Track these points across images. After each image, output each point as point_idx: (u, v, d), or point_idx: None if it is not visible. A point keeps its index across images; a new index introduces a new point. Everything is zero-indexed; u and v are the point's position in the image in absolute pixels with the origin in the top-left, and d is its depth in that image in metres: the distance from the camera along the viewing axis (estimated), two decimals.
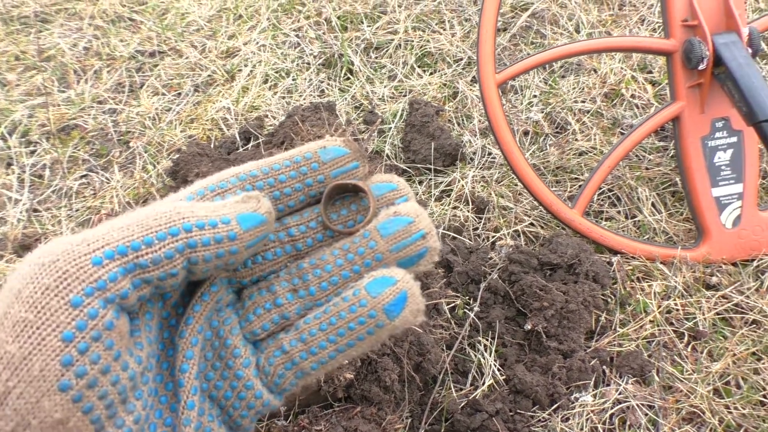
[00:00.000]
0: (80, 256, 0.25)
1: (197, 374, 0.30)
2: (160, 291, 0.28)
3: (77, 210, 1.36)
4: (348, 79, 1.62)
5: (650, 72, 1.56)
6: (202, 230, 0.27)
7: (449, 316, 1.06)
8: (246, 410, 0.32)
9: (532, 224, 1.25)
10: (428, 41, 1.67)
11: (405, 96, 1.56)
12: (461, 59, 1.62)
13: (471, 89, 1.56)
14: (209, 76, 1.66)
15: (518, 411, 0.94)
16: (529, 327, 1.02)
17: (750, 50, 1.09)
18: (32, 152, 1.52)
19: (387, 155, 1.40)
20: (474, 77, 1.58)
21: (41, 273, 0.24)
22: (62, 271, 0.24)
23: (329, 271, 0.33)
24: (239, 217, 0.29)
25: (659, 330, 1.06)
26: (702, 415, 0.95)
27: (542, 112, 1.50)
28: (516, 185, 1.33)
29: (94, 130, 1.55)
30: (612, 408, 0.95)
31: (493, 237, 1.23)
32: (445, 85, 1.58)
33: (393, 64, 1.63)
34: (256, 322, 0.33)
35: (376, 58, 1.67)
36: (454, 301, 1.09)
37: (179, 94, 1.64)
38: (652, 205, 1.28)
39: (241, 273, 0.34)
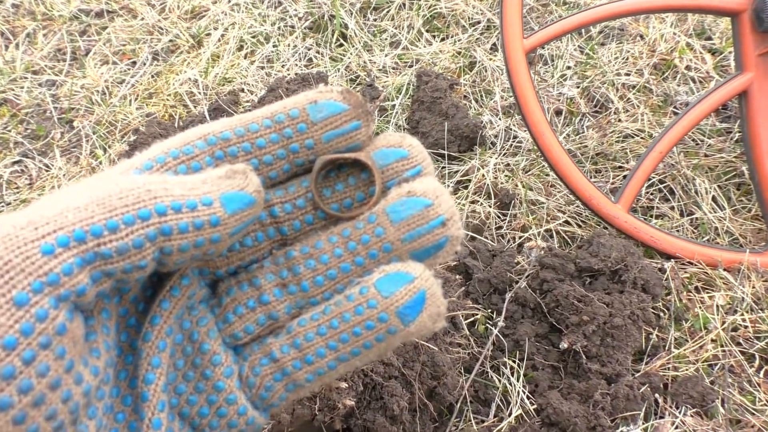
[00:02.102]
0: (26, 243, 0.24)
1: (165, 386, 0.30)
2: (120, 285, 0.27)
3: (9, 204, 1.36)
4: (341, 45, 1.63)
5: (709, 38, 1.58)
6: (178, 213, 0.27)
7: (468, 332, 1.07)
8: (225, 430, 0.32)
9: (567, 222, 1.26)
10: (439, 0, 1.68)
11: (411, 67, 1.56)
12: (479, 22, 1.63)
13: (492, 59, 1.56)
14: (171, 41, 1.66)
15: None
16: (566, 346, 1.03)
17: None
18: None
19: None
20: (495, 44, 1.59)
21: None
22: (2, 261, 0.23)
23: (325, 263, 0.32)
24: (223, 198, 0.28)
25: (723, 351, 1.07)
26: None
27: (578, 87, 1.51)
28: (547, 175, 1.34)
29: (28, 107, 1.55)
30: None
31: (520, 237, 1.24)
32: (459, 53, 1.59)
33: (396, 28, 1.64)
34: (237, 324, 0.33)
35: (375, 20, 1.67)
36: (474, 315, 1.09)
37: (134, 63, 1.64)
38: (713, 199, 1.29)
39: (215, 262, 0.33)
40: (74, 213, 0.25)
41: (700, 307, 1.13)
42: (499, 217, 1.28)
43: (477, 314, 1.09)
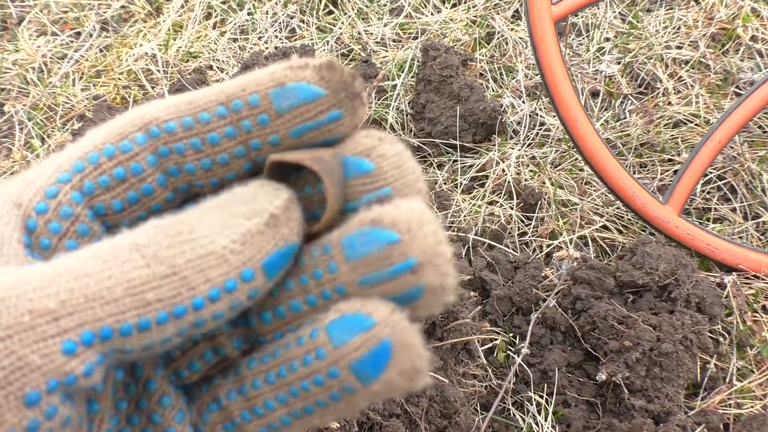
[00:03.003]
0: (44, 338, 0.25)
1: None
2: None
3: None
4: (331, 13, 1.63)
5: None
6: (215, 303, 0.28)
7: (485, 361, 1.07)
8: None
9: (605, 227, 1.26)
10: None
11: (415, 39, 1.57)
12: None
13: (513, 29, 1.57)
14: (123, 7, 1.67)
15: None
16: (604, 377, 1.03)
17: None
18: None
19: (391, 125, 1.41)
20: (518, 11, 1.59)
21: None
22: (17, 356, 0.25)
23: (275, 297, 0.32)
24: (266, 265, 0.29)
25: None
26: None
27: (618, 63, 1.51)
28: (581, 170, 1.34)
29: None
30: None
31: (548, 246, 1.24)
32: (474, 22, 1.59)
33: None
34: (181, 360, 0.33)
35: None
36: (492, 340, 1.09)
37: (78, 33, 1.64)
38: None
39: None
40: (102, 305, 0.26)
41: None
42: (522, 221, 1.28)
43: (496, 339, 1.09)
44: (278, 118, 0.30)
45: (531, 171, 1.34)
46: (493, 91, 1.48)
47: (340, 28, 1.58)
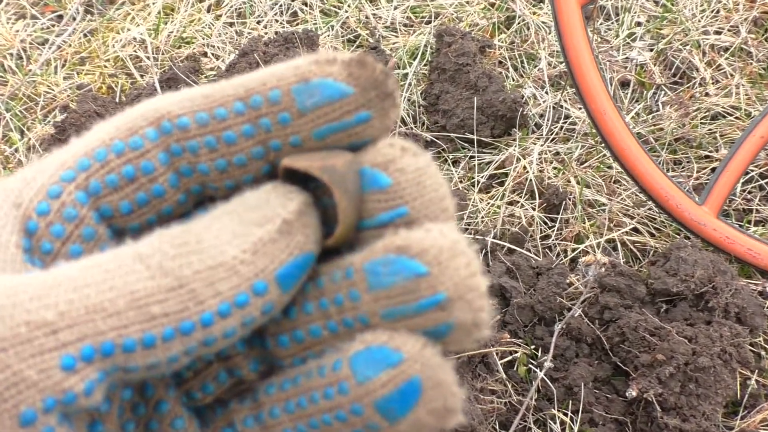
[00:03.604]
0: (42, 352, 0.26)
1: None
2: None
3: None
4: None
5: None
6: (226, 319, 0.28)
7: (505, 375, 1.08)
8: None
9: (635, 230, 1.27)
10: None
11: (428, 23, 1.58)
12: None
13: (536, 12, 1.58)
14: None
15: None
16: (634, 394, 1.04)
17: None
18: None
19: (402, 119, 1.43)
20: None
21: None
22: (12, 371, 0.25)
23: (292, 320, 0.32)
24: (280, 277, 0.29)
25: None
26: None
27: (651, 50, 1.52)
28: (610, 167, 1.35)
29: None
30: None
31: (573, 250, 1.25)
32: (493, 5, 1.61)
33: None
34: (194, 381, 0.34)
35: None
36: (512, 352, 1.10)
37: (60, 17, 1.66)
38: None
39: None
40: (104, 318, 0.27)
41: None
42: (545, 223, 1.29)
43: (516, 352, 1.10)
44: (301, 117, 0.30)
45: (555, 168, 1.36)
46: (514, 80, 1.49)
47: (346, 11, 1.60)
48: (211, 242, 0.29)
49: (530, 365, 1.10)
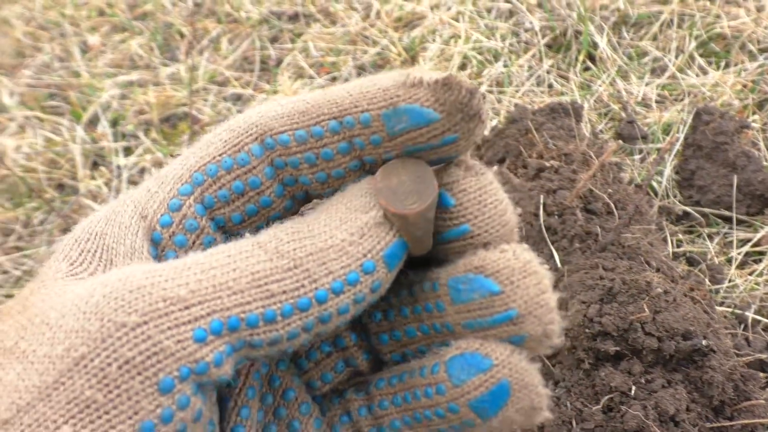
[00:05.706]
0: (177, 324, 0.28)
1: None
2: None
3: None
4: (588, 69, 1.75)
5: None
6: (339, 296, 0.31)
7: None
8: None
9: None
10: (719, 16, 1.76)
11: (681, 100, 1.65)
12: None
13: None
14: (379, 53, 1.87)
15: None
16: None
17: None
18: (126, 149, 1.79)
19: (654, 191, 1.50)
20: None
21: (121, 340, 0.27)
22: (152, 342, 0.28)
23: (391, 320, 0.37)
24: (387, 256, 0.32)
25: None
26: None
27: None
28: None
29: (211, 123, 1.79)
30: None
31: None
32: (745, 86, 1.66)
33: (660, 50, 1.74)
34: (314, 371, 0.38)
35: (633, 39, 1.79)
36: None
37: (334, 78, 1.85)
38: None
39: None
40: (229, 295, 0.29)
41: None
42: None
43: None
44: (391, 140, 0.33)
45: None
46: (767, 161, 1.53)
47: (600, 86, 1.69)
48: (322, 228, 0.32)
49: None
